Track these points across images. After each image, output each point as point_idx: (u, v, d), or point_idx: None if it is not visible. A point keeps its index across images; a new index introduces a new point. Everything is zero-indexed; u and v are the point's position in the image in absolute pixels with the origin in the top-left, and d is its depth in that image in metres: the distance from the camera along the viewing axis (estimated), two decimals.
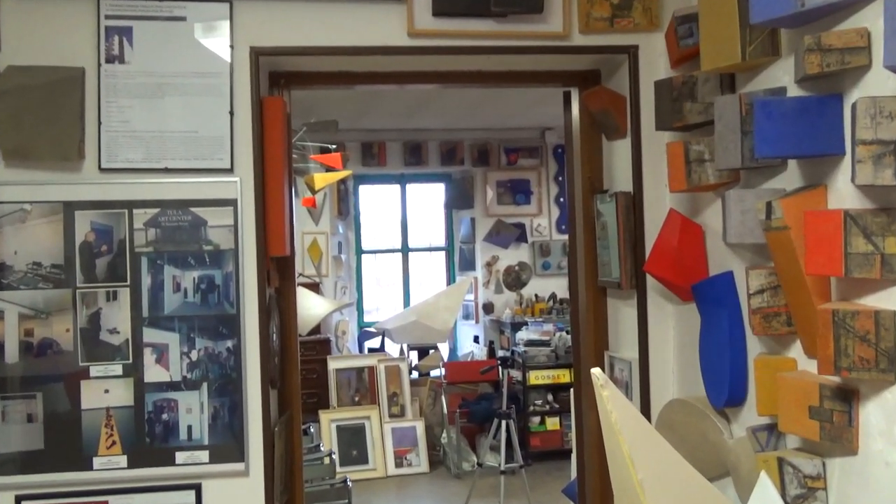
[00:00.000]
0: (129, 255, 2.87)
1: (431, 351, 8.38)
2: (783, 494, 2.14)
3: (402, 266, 9.66)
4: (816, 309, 2.01)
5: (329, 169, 6.25)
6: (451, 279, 9.70)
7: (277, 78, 3.18)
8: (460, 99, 7.42)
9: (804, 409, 2.08)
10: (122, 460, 2.84)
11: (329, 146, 6.41)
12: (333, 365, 7.48)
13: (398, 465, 7.17)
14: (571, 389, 3.90)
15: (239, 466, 2.89)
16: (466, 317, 9.50)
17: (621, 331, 3.28)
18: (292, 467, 3.23)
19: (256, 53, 2.92)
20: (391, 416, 7.32)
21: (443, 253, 9.85)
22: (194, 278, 2.90)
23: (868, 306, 1.93)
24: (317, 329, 7.70)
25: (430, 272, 9.87)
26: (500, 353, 8.41)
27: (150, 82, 2.88)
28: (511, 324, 8.57)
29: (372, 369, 7.47)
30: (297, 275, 3.49)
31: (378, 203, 9.66)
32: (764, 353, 2.43)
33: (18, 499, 2.81)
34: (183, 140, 2.89)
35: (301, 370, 3.49)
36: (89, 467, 2.83)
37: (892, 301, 1.91)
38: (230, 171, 2.91)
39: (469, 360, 8.78)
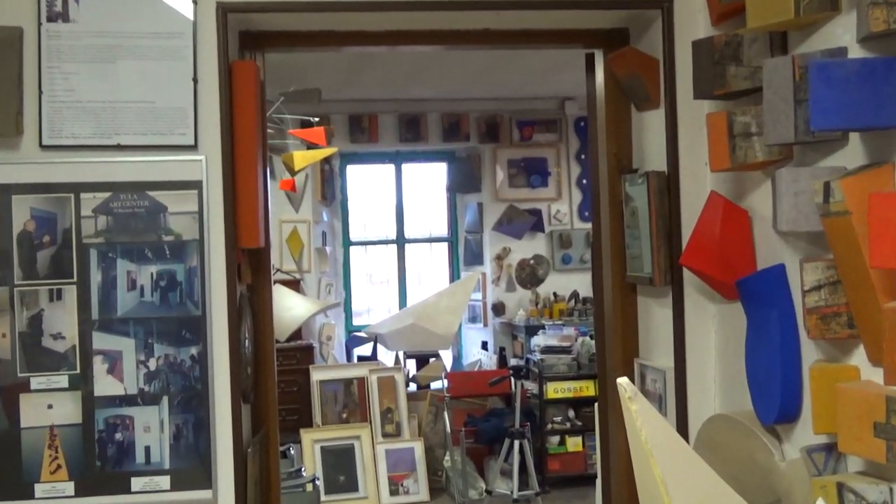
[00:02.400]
0: (76, 246, 2.87)
1: (432, 359, 8.38)
2: None
3: (397, 260, 9.66)
4: (882, 308, 2.01)
5: (311, 146, 6.23)
6: (454, 275, 9.70)
7: (249, 39, 3.17)
8: (465, 64, 7.40)
9: (868, 426, 2.08)
10: (69, 487, 2.85)
11: (311, 119, 6.40)
12: (317, 376, 7.49)
13: (393, 492, 7.18)
14: (596, 404, 3.90)
15: (205, 494, 2.89)
16: (473, 319, 9.50)
17: (654, 335, 3.28)
18: (268, 495, 3.23)
19: (224, 10, 2.91)
20: (385, 435, 7.33)
21: (445, 244, 9.85)
22: (152, 274, 2.90)
23: None
24: (297, 334, 7.70)
25: (430, 267, 9.87)
26: (513, 362, 8.41)
27: (100, 44, 2.87)
28: (525, 327, 8.56)
29: (362, 381, 7.48)
30: (273, 270, 3.49)
31: (369, 186, 9.66)
32: (821, 361, 2.43)
33: None
34: (138, 112, 2.89)
35: (279, 382, 3.49)
36: (30, 495, 2.83)
37: None
38: (194, 148, 2.91)
39: (476, 369, 8.78)
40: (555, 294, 9.06)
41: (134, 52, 2.88)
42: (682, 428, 3.03)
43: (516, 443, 6.43)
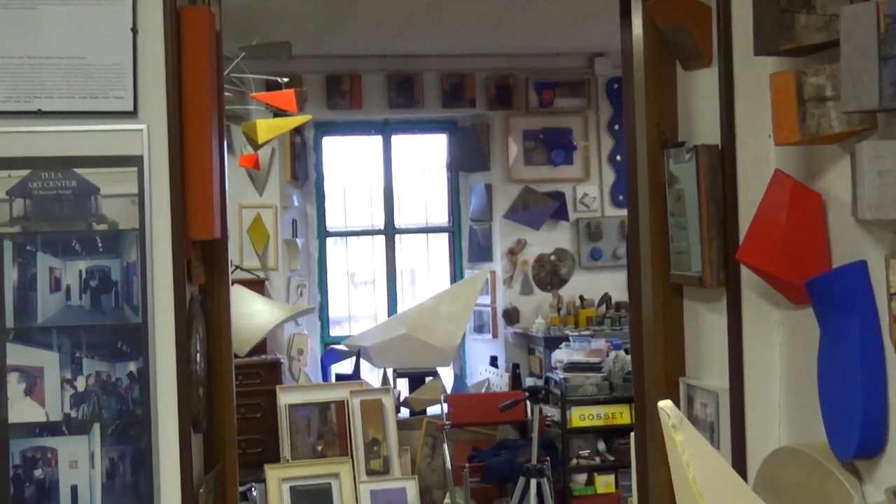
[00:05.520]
0: None
1: (429, 379, 8.38)
2: None
3: (385, 255, 9.66)
4: None
5: (279, 113, 6.23)
6: (456, 274, 9.70)
7: None
8: (471, 11, 7.40)
9: None
10: None
11: (279, 80, 6.40)
12: (286, 399, 7.49)
13: None
14: (632, 434, 3.90)
15: None
16: (479, 329, 9.50)
17: (704, 348, 3.28)
18: None
19: None
20: (370, 472, 7.33)
21: (445, 236, 9.84)
22: (81, 272, 2.90)
23: None
24: (261, 347, 7.70)
25: (426, 264, 9.87)
26: (529, 382, 8.40)
27: None
28: (544, 339, 8.56)
29: (342, 405, 7.48)
30: (231, 268, 3.49)
31: (350, 163, 9.65)
32: None
33: None
34: (64, 70, 2.88)
35: (238, 406, 3.50)
36: None
37: None
38: (133, 114, 2.91)
39: (483, 391, 8.79)
40: (581, 298, 9.06)
41: None
42: (740, 463, 3.04)
43: (533, 482, 6.43)
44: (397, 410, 7.74)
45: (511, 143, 9.27)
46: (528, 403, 7.06)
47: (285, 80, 6.46)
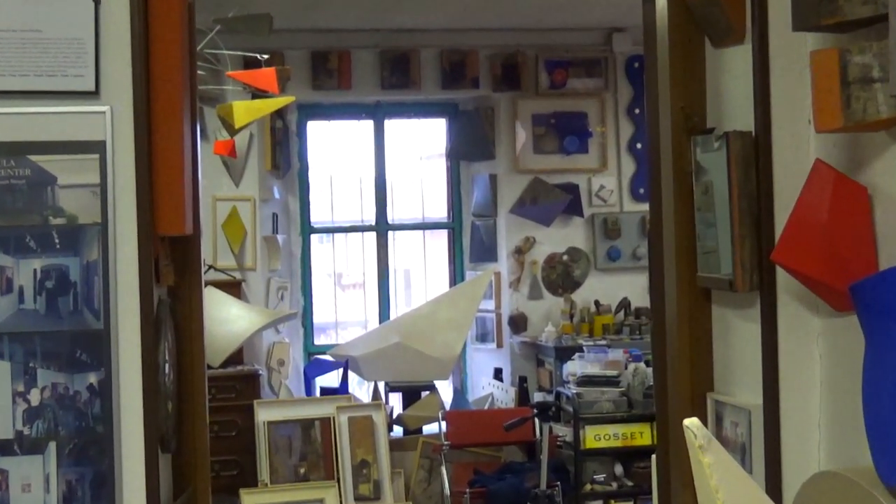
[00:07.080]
0: None
1: (425, 393, 8.39)
2: None
3: (377, 254, 9.66)
4: None
5: (258, 94, 6.23)
6: (457, 276, 9.70)
7: None
8: None
9: None
10: None
11: (258, 57, 6.40)
12: (265, 415, 7.49)
13: None
14: (654, 456, 3.91)
15: None
16: (482, 337, 9.50)
17: (735, 360, 3.28)
18: None
19: None
20: (359, 498, 7.33)
21: (444, 233, 9.84)
22: (36, 271, 2.90)
23: None
24: (237, 357, 7.71)
25: (423, 264, 9.86)
26: (538, 398, 8.41)
27: None
28: (555, 349, 8.56)
29: (327, 423, 7.48)
30: (204, 268, 3.49)
31: (338, 151, 9.64)
32: None
33: None
34: (17, 45, 2.88)
35: (212, 423, 3.50)
36: None
37: None
38: (94, 94, 2.91)
39: (486, 407, 8.79)
40: (597, 303, 9.06)
41: None
42: (774, 489, 3.04)
43: None
44: (390, 429, 7.75)
45: (518, 128, 9.26)
46: (537, 421, 7.06)
47: (265, 56, 6.46)
